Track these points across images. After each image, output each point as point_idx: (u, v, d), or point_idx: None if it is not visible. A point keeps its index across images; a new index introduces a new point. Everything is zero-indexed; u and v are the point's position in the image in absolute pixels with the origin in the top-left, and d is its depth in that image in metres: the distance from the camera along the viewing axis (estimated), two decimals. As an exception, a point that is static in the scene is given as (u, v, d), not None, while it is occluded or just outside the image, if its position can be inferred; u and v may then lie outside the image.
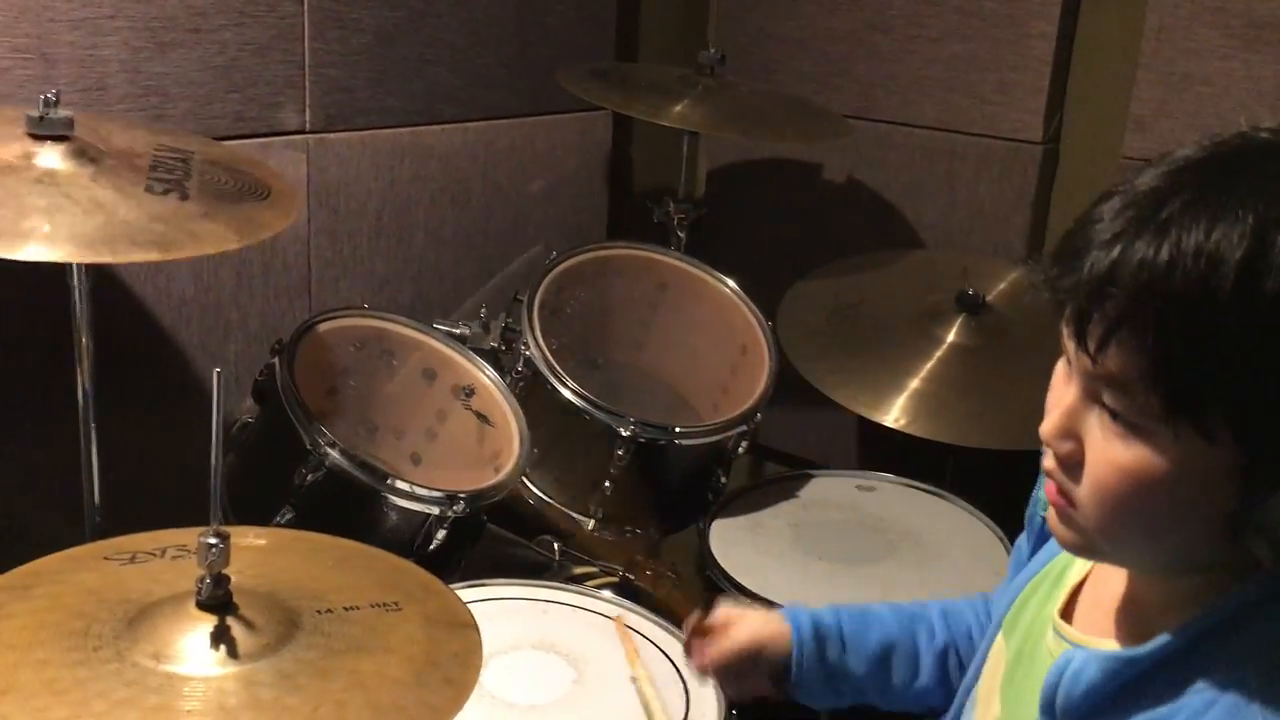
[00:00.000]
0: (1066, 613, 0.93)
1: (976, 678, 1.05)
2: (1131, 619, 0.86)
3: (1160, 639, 0.79)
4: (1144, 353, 0.71)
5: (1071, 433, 0.79)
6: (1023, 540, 1.09)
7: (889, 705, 1.20)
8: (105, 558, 1.06)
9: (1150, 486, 0.75)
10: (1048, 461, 0.82)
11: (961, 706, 1.08)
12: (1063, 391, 0.80)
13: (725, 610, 1.19)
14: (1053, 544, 1.00)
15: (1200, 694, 0.76)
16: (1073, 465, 0.79)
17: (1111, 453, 0.76)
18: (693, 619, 1.19)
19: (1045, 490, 0.84)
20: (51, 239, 1.21)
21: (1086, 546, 0.83)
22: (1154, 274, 0.70)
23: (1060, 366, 0.82)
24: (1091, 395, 0.77)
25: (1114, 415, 0.75)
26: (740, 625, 1.17)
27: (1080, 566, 0.96)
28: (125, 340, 1.77)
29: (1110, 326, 0.72)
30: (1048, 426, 0.80)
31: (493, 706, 1.29)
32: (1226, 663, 0.76)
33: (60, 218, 1.23)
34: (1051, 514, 0.84)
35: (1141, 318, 0.71)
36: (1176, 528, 0.77)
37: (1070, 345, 0.77)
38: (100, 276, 1.70)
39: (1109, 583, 0.91)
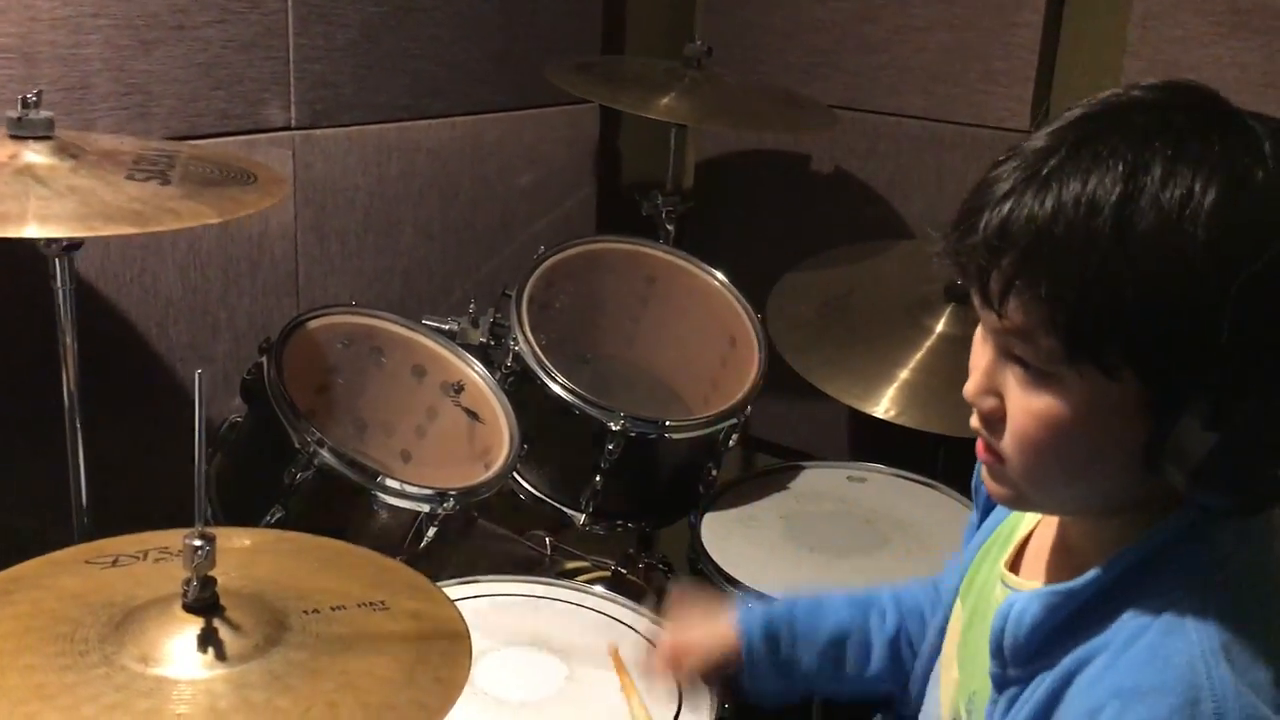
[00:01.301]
0: (1014, 567, 0.96)
1: (938, 649, 1.07)
2: (1067, 562, 0.89)
3: (1094, 571, 0.82)
4: (1040, 301, 0.75)
5: (992, 389, 0.83)
6: (974, 515, 1.11)
7: (840, 694, 1.20)
8: (87, 561, 1.06)
9: (1065, 429, 0.78)
10: (974, 420, 0.86)
11: (925, 680, 1.09)
12: (981, 351, 0.84)
13: (675, 636, 1.21)
14: (999, 511, 1.03)
15: (1135, 618, 0.79)
16: (996, 421, 0.83)
17: (1026, 402, 0.79)
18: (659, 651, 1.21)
19: (977, 450, 0.87)
20: (20, 217, 1.20)
21: (1018, 498, 0.86)
22: (1040, 225, 0.74)
23: (979, 329, 0.85)
24: (1004, 351, 0.81)
25: (1025, 366, 0.79)
26: (694, 655, 1.19)
27: (1027, 523, 0.99)
28: (112, 341, 1.76)
29: (1007, 280, 0.76)
30: (969, 386, 0.85)
31: (485, 704, 1.29)
32: (1158, 588, 0.79)
33: (31, 202, 1.23)
34: (984, 471, 0.87)
35: (1034, 268, 0.75)
36: (1096, 467, 0.81)
37: (977, 303, 0.81)
38: (85, 278, 1.70)
39: (1046, 533, 0.95)
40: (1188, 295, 0.72)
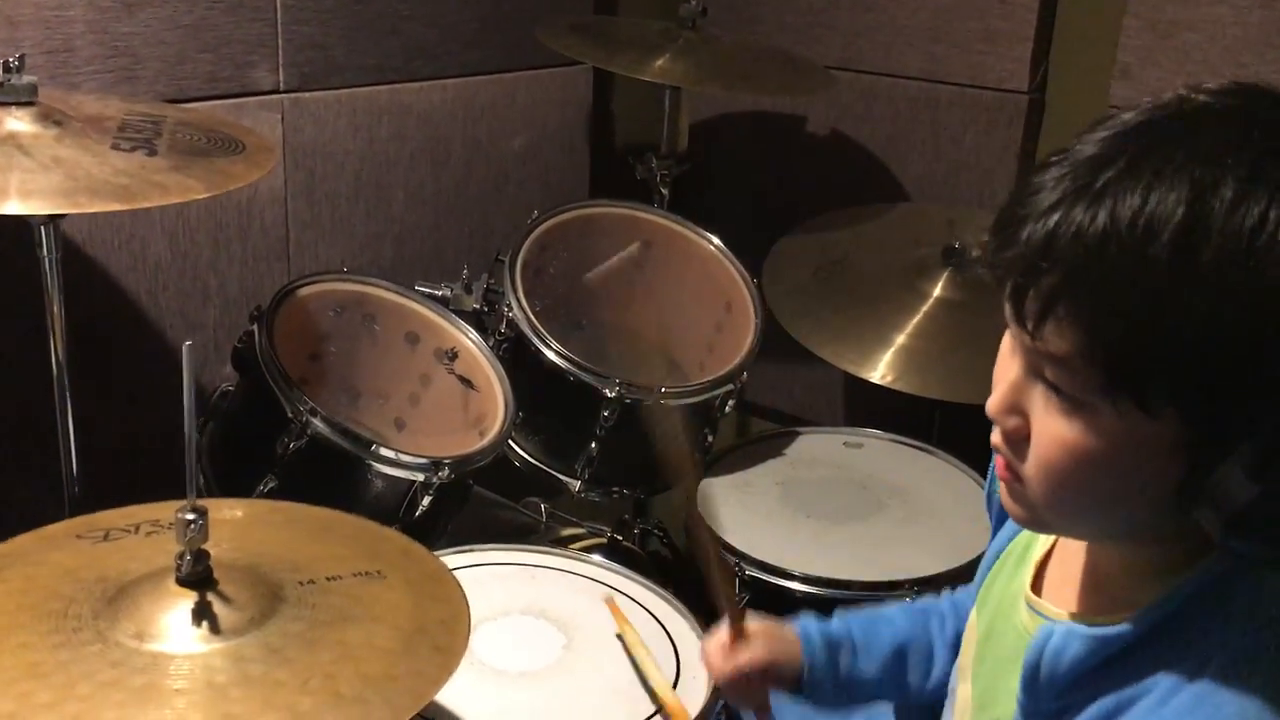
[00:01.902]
0: (1035, 587, 0.93)
1: (955, 658, 1.05)
2: (1099, 591, 0.86)
3: (1142, 615, 0.78)
4: (1081, 329, 0.69)
5: (1017, 408, 0.77)
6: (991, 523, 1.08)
7: (907, 702, 1.19)
8: (78, 536, 1.05)
9: (1094, 462, 0.73)
10: (995, 437, 0.80)
11: (948, 687, 1.07)
12: (1008, 365, 0.78)
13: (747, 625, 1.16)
14: (1014, 528, 1.00)
15: (1186, 665, 0.75)
16: (1019, 441, 0.78)
17: (1055, 429, 0.74)
18: (722, 633, 1.15)
19: (996, 466, 0.83)
20: (2, 191, 1.18)
21: (1036, 521, 0.82)
22: (1090, 245, 0.67)
23: (1007, 338, 0.79)
24: (1034, 370, 0.75)
25: (1056, 391, 0.73)
26: (760, 641, 1.14)
27: (1045, 540, 0.95)
28: (101, 309, 1.74)
29: (1047, 301, 0.70)
30: (993, 403, 0.79)
31: (483, 673, 1.29)
32: (1209, 634, 0.75)
33: (13, 175, 1.20)
34: (1002, 489, 0.83)
35: (1078, 293, 0.69)
36: (1123, 502, 0.76)
37: (1010, 319, 0.75)
38: (72, 245, 1.67)
39: (1074, 557, 0.90)
40: (1249, 337, 0.65)
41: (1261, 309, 0.65)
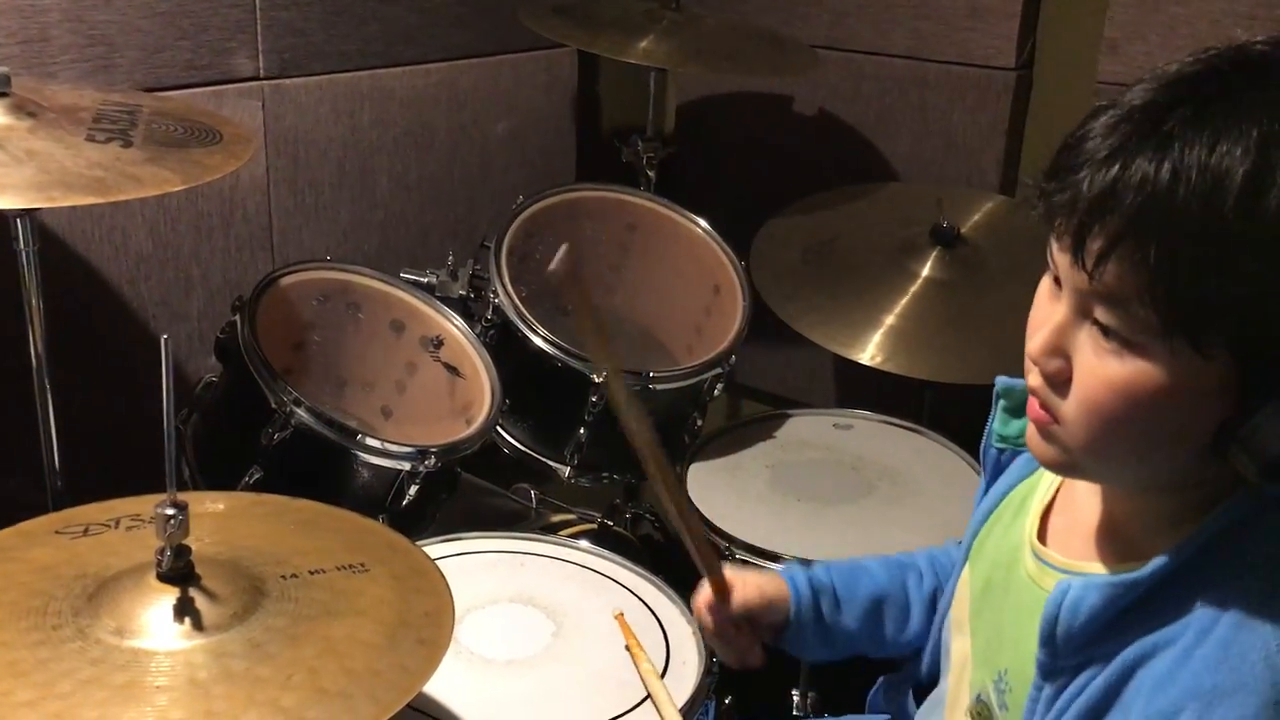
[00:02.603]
0: (1040, 537, 0.92)
1: (946, 613, 1.05)
2: (1117, 541, 0.86)
3: (1158, 560, 0.78)
4: (1145, 269, 0.70)
5: (1060, 350, 0.78)
6: (982, 478, 1.08)
7: (880, 653, 1.20)
8: (57, 531, 1.04)
9: (1142, 402, 0.74)
10: (1033, 379, 0.81)
11: (938, 644, 1.07)
12: (1050, 309, 0.79)
13: (730, 574, 1.17)
14: (1009, 476, 1.00)
15: (1203, 610, 0.76)
16: (1060, 383, 0.79)
17: (1103, 369, 0.75)
18: (708, 585, 1.16)
19: (1028, 409, 0.83)
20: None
21: (1069, 464, 0.82)
22: (1157, 190, 0.69)
23: (1045, 284, 0.81)
24: (1083, 311, 0.76)
25: (1106, 332, 0.75)
26: (747, 587, 1.16)
27: (1044, 492, 0.95)
28: (82, 300, 1.73)
29: (1110, 242, 0.71)
30: (1036, 344, 0.80)
31: (471, 663, 1.28)
32: (1227, 578, 0.76)
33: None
34: (1031, 432, 0.83)
35: (1144, 234, 0.70)
36: (1164, 444, 0.77)
37: (1064, 260, 0.76)
38: (51, 236, 1.66)
39: (1083, 506, 0.90)
40: None
41: None
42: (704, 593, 1.17)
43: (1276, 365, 0.71)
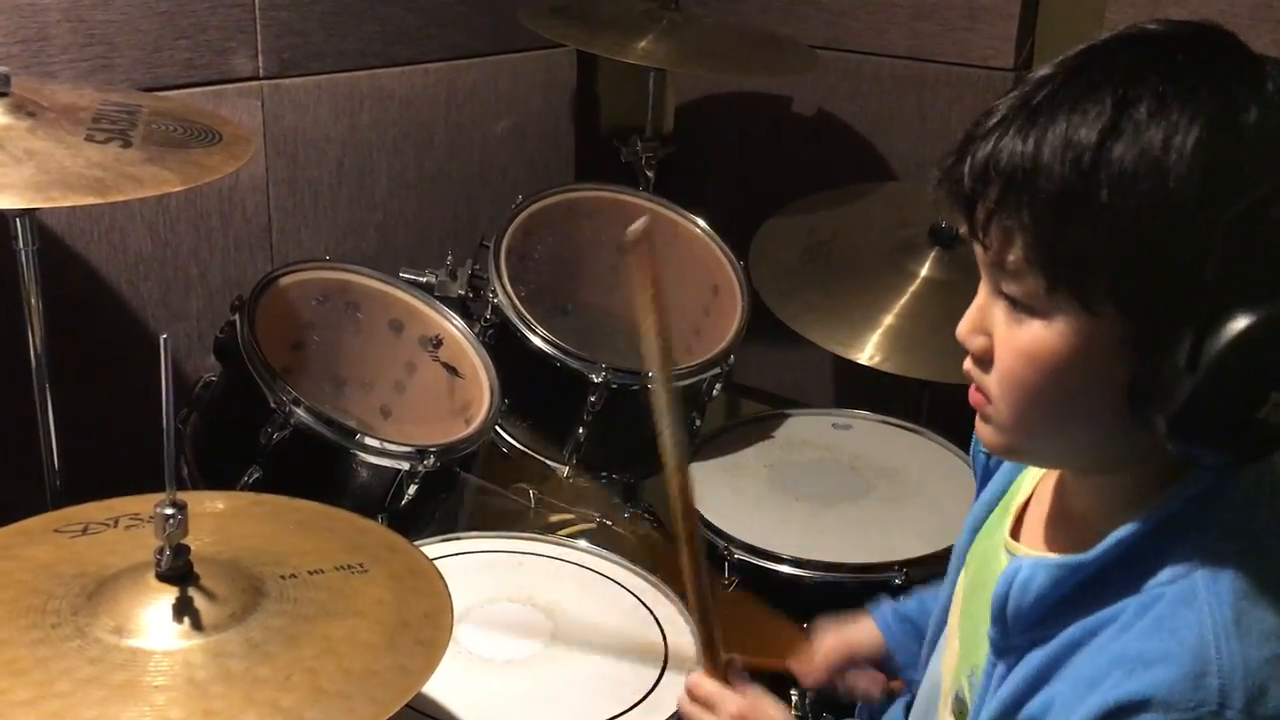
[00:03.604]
0: (1015, 534, 0.94)
1: (943, 624, 1.05)
2: (1072, 526, 0.87)
3: (1105, 543, 0.80)
4: (1023, 232, 0.75)
5: (982, 328, 0.82)
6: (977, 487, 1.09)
7: None
8: (56, 530, 1.04)
9: (1048, 367, 0.77)
10: (966, 363, 0.84)
11: (933, 645, 1.08)
12: (977, 294, 0.84)
13: (828, 643, 1.23)
14: (997, 481, 1.01)
15: (1147, 591, 0.77)
16: (987, 362, 0.82)
17: (1013, 339, 0.79)
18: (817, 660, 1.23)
19: (969, 395, 0.85)
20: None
21: (1007, 445, 0.84)
22: (1025, 156, 0.74)
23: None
24: (995, 287, 0.80)
25: (1013, 303, 0.78)
26: (827, 649, 1.22)
27: (1025, 490, 0.97)
28: (81, 300, 1.73)
29: (990, 210, 0.76)
30: (961, 326, 0.84)
31: (470, 663, 1.28)
32: (1170, 560, 0.77)
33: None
34: (978, 424, 0.85)
35: (1016, 199, 0.74)
36: (1080, 410, 0.79)
37: (968, 235, 0.80)
38: (50, 236, 1.66)
39: (1048, 498, 0.92)
40: (1168, 233, 0.71)
41: (1175, 208, 0.70)
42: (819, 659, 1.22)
43: (1162, 318, 0.72)
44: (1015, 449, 0.85)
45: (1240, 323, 0.70)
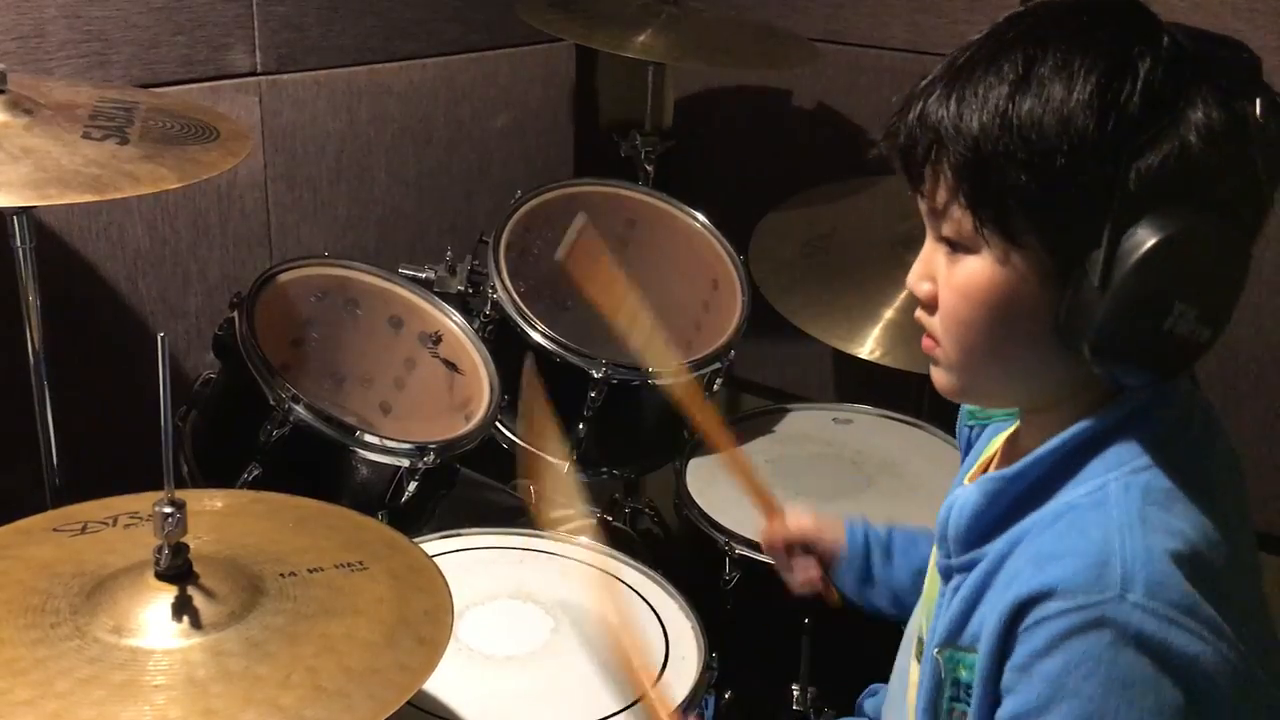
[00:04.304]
0: None
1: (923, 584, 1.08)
2: (1013, 459, 0.91)
3: (1029, 457, 0.87)
4: (952, 174, 0.83)
5: (928, 275, 0.89)
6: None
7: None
8: (55, 529, 1.04)
9: (981, 298, 0.84)
10: (917, 312, 0.91)
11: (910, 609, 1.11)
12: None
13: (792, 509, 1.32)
14: (977, 449, 1.07)
15: (1064, 499, 0.84)
16: (933, 306, 0.89)
17: (951, 278, 0.86)
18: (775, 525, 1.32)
19: (923, 344, 0.92)
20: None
21: (956, 386, 0.91)
22: (949, 113, 0.82)
23: None
24: (936, 234, 0.88)
25: (951, 246, 0.86)
26: (804, 516, 1.31)
27: (992, 449, 1.02)
28: (80, 297, 1.72)
29: (923, 160, 0.85)
30: (910, 275, 0.91)
31: (471, 659, 1.28)
32: (1090, 474, 0.84)
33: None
34: (932, 370, 0.92)
35: (943, 150, 0.83)
36: (1015, 343, 0.86)
37: (910, 187, 0.89)
38: (47, 233, 1.65)
39: (1005, 446, 0.99)
40: (1074, 171, 0.79)
41: (1078, 146, 0.78)
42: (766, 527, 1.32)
43: (1075, 246, 0.80)
44: (964, 389, 0.91)
45: (1144, 244, 0.78)
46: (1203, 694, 0.77)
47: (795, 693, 1.66)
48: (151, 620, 0.92)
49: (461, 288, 1.82)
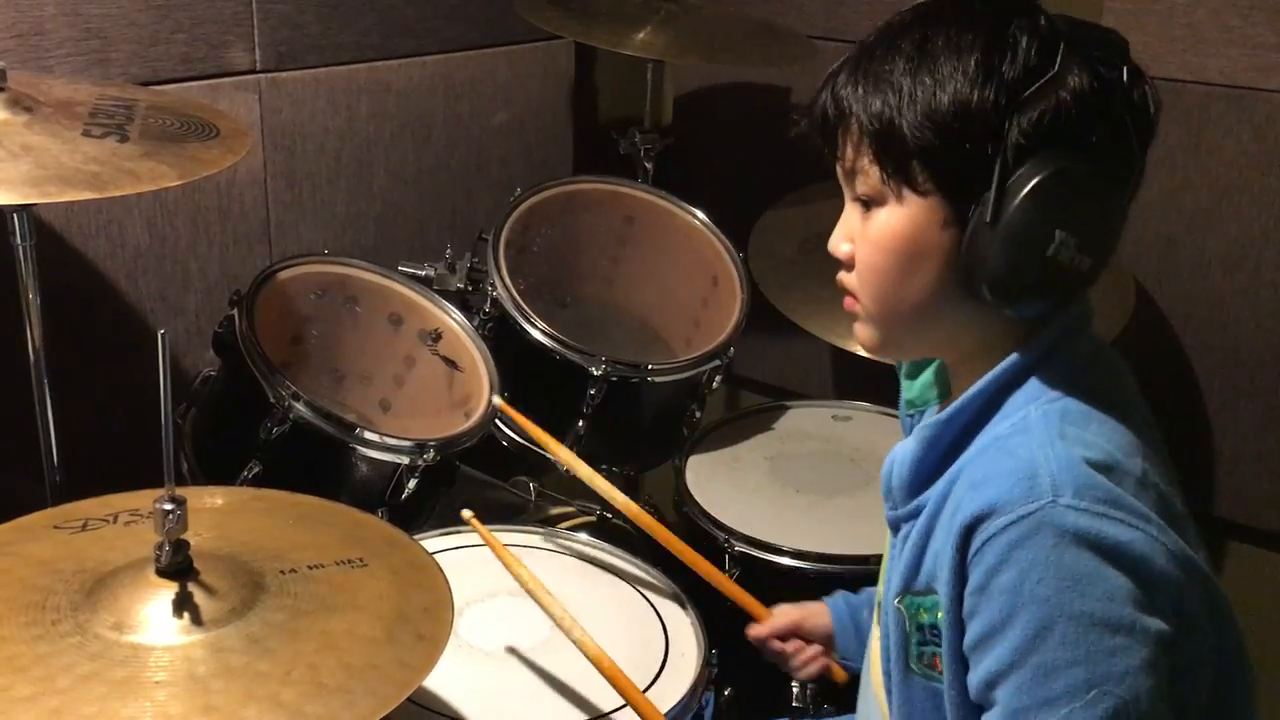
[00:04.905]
0: None
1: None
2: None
3: (958, 400, 0.95)
4: (859, 134, 0.94)
5: (847, 236, 0.98)
6: None
7: None
8: (55, 526, 1.04)
9: (892, 246, 0.93)
10: (840, 274, 1.00)
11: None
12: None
13: (780, 617, 1.36)
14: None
15: (991, 432, 0.93)
16: (853, 265, 0.98)
17: (866, 233, 0.95)
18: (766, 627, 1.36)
19: (845, 304, 1.00)
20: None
21: (878, 339, 0.99)
22: (858, 88, 0.94)
23: None
24: (852, 194, 0.97)
25: (865, 204, 0.96)
26: (788, 609, 1.36)
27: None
28: (79, 295, 1.72)
29: (836, 128, 0.96)
30: (831, 239, 1.00)
31: (471, 656, 1.28)
32: (1012, 408, 0.93)
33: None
34: (854, 326, 1.00)
35: (854, 119, 0.94)
36: (926, 290, 0.93)
37: (828, 156, 0.98)
38: (48, 231, 1.65)
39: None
40: (964, 131, 0.89)
41: (967, 106, 0.89)
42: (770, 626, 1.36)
43: (970, 189, 0.89)
44: (884, 341, 0.99)
45: (1027, 181, 0.87)
46: (1145, 574, 0.84)
47: (795, 689, 1.67)
48: (152, 617, 0.93)
49: (461, 285, 1.82)
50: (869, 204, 0.95)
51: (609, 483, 1.45)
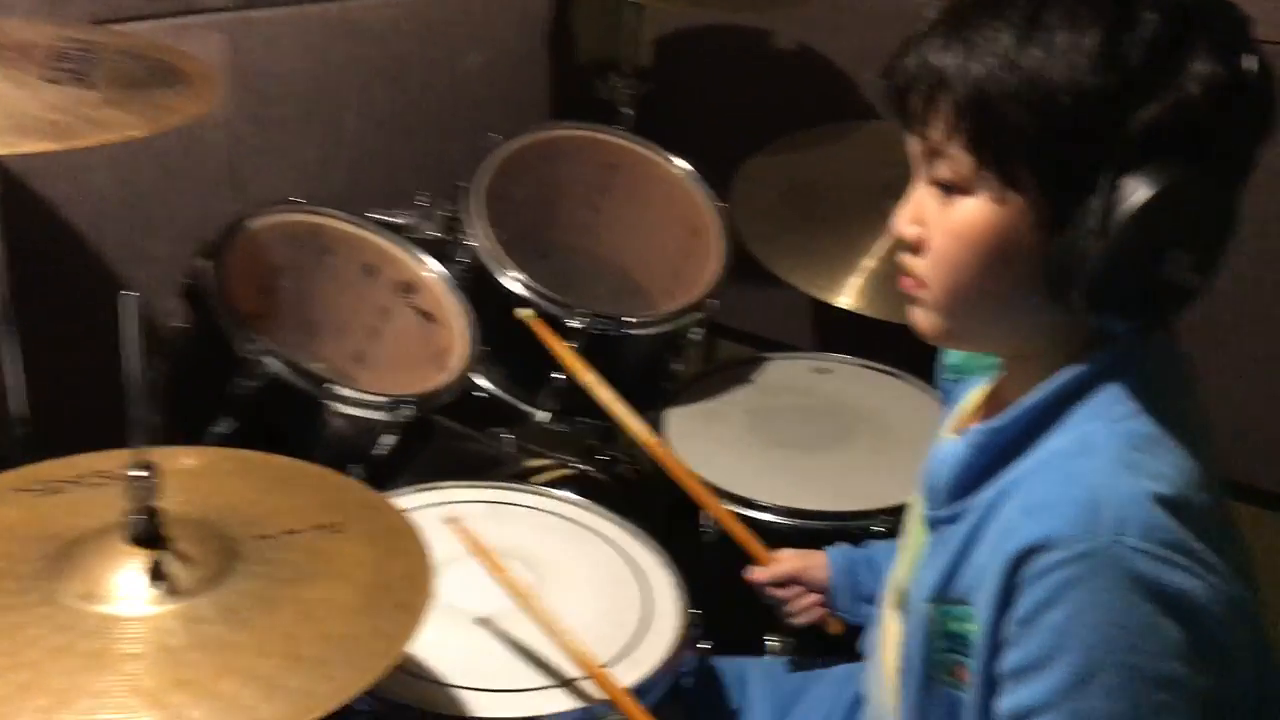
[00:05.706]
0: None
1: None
2: (999, 410, 0.92)
3: (1017, 408, 0.88)
4: (955, 115, 0.84)
5: (917, 218, 0.90)
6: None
7: None
8: (18, 489, 1.00)
9: (975, 240, 0.86)
10: (903, 256, 0.92)
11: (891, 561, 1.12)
12: (910, 191, 0.92)
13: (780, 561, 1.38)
14: (953, 402, 1.09)
15: (1051, 447, 0.86)
16: (922, 250, 0.90)
17: (944, 220, 0.87)
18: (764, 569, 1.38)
19: (902, 284, 0.92)
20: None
21: (940, 328, 0.91)
22: (955, 57, 0.84)
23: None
24: (929, 176, 0.88)
25: (945, 189, 0.87)
26: (789, 554, 1.37)
27: (973, 401, 1.03)
28: (43, 242, 1.67)
29: (926, 102, 0.86)
30: (898, 218, 0.91)
31: (449, 617, 1.26)
32: (1075, 421, 0.86)
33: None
34: (910, 311, 0.92)
35: (948, 93, 0.84)
36: (1004, 288, 0.87)
37: (908, 138, 0.89)
38: (7, 175, 1.60)
39: (988, 399, 1.00)
40: (1076, 121, 0.80)
41: (1081, 97, 0.80)
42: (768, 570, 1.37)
43: (1075, 190, 0.81)
44: (949, 332, 0.91)
45: (1144, 193, 0.79)
46: (1201, 627, 0.78)
47: (772, 643, 1.67)
48: (123, 586, 0.90)
49: (437, 233, 1.78)
50: (950, 189, 0.87)
51: (627, 411, 1.47)
